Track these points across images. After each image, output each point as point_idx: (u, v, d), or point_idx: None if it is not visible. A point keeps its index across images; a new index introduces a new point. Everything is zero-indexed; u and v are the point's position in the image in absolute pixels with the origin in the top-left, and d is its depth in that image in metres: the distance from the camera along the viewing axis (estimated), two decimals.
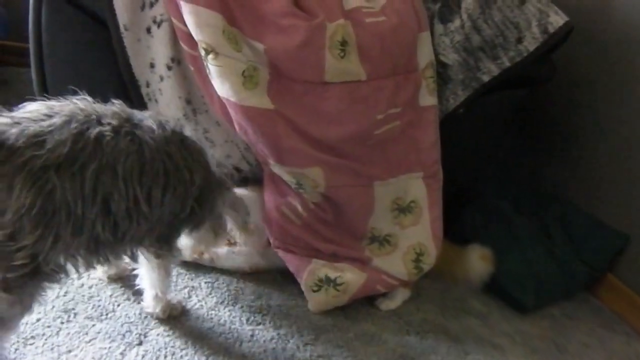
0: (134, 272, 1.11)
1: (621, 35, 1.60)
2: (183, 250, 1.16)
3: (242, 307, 1.24)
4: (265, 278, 1.35)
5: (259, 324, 1.20)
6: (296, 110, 1.22)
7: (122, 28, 1.21)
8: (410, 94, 1.30)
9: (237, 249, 1.33)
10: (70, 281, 1.17)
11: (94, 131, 0.81)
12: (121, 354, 1.03)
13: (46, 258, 0.80)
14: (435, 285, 1.47)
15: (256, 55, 1.20)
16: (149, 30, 1.23)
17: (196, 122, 1.29)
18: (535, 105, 1.82)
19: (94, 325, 1.08)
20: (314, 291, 1.27)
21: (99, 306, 1.13)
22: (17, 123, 0.77)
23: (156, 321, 1.12)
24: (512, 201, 1.70)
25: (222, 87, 1.18)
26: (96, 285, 1.19)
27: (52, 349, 1.01)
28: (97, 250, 0.86)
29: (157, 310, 1.12)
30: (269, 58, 1.20)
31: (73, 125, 0.80)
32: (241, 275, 1.33)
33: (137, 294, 1.15)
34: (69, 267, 0.86)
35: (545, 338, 1.39)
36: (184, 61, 1.24)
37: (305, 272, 1.28)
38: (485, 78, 1.36)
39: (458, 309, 1.42)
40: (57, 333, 1.04)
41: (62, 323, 1.07)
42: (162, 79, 1.25)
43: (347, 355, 1.17)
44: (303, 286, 1.28)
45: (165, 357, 1.05)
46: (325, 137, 1.23)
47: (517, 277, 1.47)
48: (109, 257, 0.90)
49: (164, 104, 1.28)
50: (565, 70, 1.64)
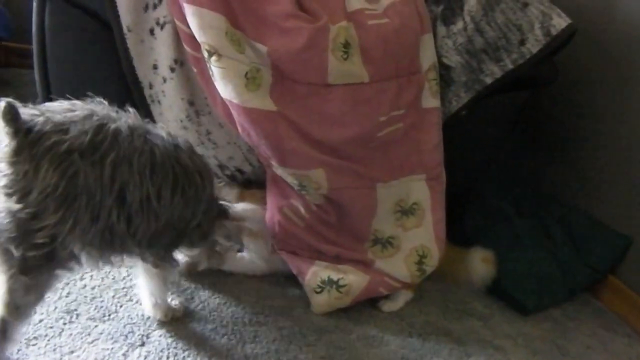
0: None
1: (622, 37, 1.60)
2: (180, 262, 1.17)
3: (244, 308, 1.24)
4: (268, 279, 1.35)
5: (262, 325, 1.20)
6: (299, 112, 1.22)
7: (125, 29, 1.22)
8: (413, 96, 1.30)
9: (241, 254, 1.33)
10: (73, 282, 1.18)
11: (112, 125, 0.87)
12: (124, 355, 1.03)
13: (64, 242, 0.84)
14: (437, 287, 1.47)
15: (259, 57, 1.20)
16: (152, 32, 1.23)
17: (199, 123, 1.29)
18: (536, 106, 1.82)
19: (96, 326, 1.08)
20: (316, 293, 1.27)
21: (102, 307, 1.13)
22: (43, 114, 0.83)
23: (158, 322, 1.13)
24: (513, 202, 1.70)
25: (225, 89, 1.18)
26: (98, 286, 1.19)
27: (54, 349, 1.01)
28: (112, 241, 0.89)
29: (158, 316, 1.13)
30: (271, 60, 1.20)
31: (94, 118, 0.86)
32: (243, 277, 1.33)
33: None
34: (83, 257, 0.89)
35: (547, 340, 1.39)
36: (187, 63, 1.24)
37: (308, 274, 1.28)
38: (488, 80, 1.36)
39: (460, 311, 1.42)
40: (60, 334, 1.05)
41: (64, 324, 1.07)
42: (165, 80, 1.26)
43: (349, 357, 1.17)
44: (306, 287, 1.28)
45: (168, 358, 1.05)
46: (327, 139, 1.23)
47: (518, 279, 1.47)
48: (121, 252, 0.93)
49: (167, 106, 1.28)
50: (566, 71, 1.64)
